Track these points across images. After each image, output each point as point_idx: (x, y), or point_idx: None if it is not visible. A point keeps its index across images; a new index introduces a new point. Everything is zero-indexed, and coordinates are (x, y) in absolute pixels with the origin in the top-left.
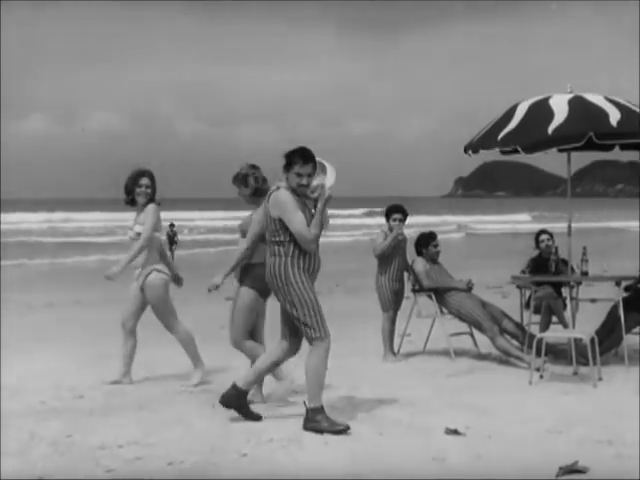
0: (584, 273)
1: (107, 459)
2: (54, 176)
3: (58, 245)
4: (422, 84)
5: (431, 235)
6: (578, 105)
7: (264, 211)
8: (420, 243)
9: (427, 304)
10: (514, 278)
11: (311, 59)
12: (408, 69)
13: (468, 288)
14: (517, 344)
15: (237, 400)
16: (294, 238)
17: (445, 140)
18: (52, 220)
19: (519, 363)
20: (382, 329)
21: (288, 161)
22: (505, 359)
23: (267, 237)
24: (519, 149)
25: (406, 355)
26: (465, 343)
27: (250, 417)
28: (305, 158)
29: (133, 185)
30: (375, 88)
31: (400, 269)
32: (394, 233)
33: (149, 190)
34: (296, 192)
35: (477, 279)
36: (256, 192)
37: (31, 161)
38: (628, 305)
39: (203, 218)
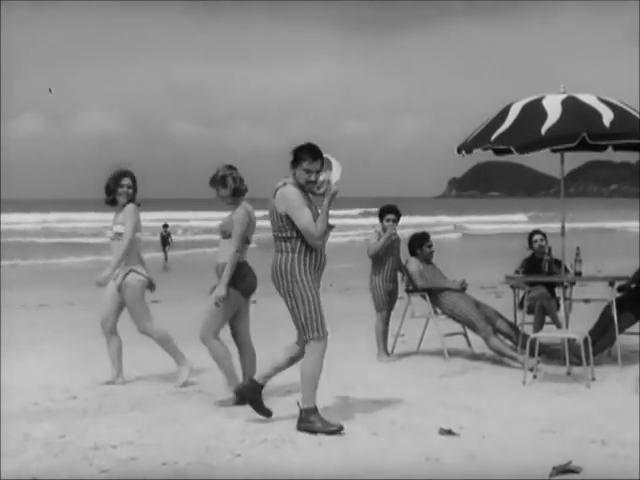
0: (578, 273)
1: (101, 459)
2: (48, 177)
3: (52, 245)
4: (417, 84)
5: (424, 235)
6: (571, 105)
7: (269, 207)
8: (414, 244)
9: (421, 304)
10: (508, 278)
11: (307, 59)
12: (402, 69)
13: (462, 288)
14: (511, 344)
15: (252, 393)
16: (301, 234)
17: (439, 141)
18: (47, 221)
19: (513, 363)
20: (376, 329)
21: (296, 157)
22: (499, 359)
23: (273, 233)
24: (512, 149)
25: (400, 355)
26: (459, 343)
27: (261, 411)
28: (314, 154)
29: (115, 185)
30: (370, 88)
31: (394, 269)
32: (387, 233)
33: (130, 190)
34: (303, 188)
35: (471, 279)
36: (235, 192)
37: (25, 162)
38: (621, 305)
39: (197, 218)
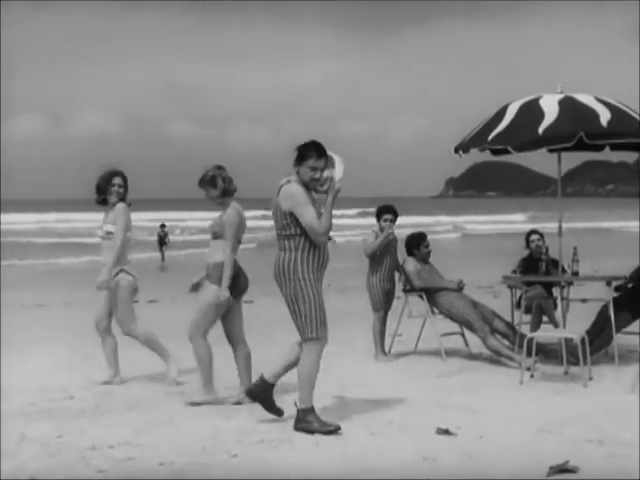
0: (575, 273)
1: (98, 460)
2: (47, 177)
3: (50, 246)
4: (416, 84)
5: (421, 235)
6: (569, 105)
7: (272, 205)
8: (411, 243)
9: (418, 304)
10: (505, 278)
11: (307, 59)
12: (401, 69)
13: (459, 288)
14: (508, 344)
15: (264, 392)
16: (305, 231)
17: (437, 141)
18: (45, 221)
19: (510, 363)
20: (373, 329)
21: (301, 155)
22: (496, 359)
23: (276, 231)
24: (510, 149)
25: (397, 355)
26: (456, 343)
27: (272, 411)
28: (319, 152)
29: (106, 184)
30: (370, 88)
31: (391, 269)
32: (384, 233)
33: (121, 189)
34: (307, 186)
35: (468, 279)
36: (224, 193)
37: (23, 162)
38: (618, 305)
39: (194, 218)
